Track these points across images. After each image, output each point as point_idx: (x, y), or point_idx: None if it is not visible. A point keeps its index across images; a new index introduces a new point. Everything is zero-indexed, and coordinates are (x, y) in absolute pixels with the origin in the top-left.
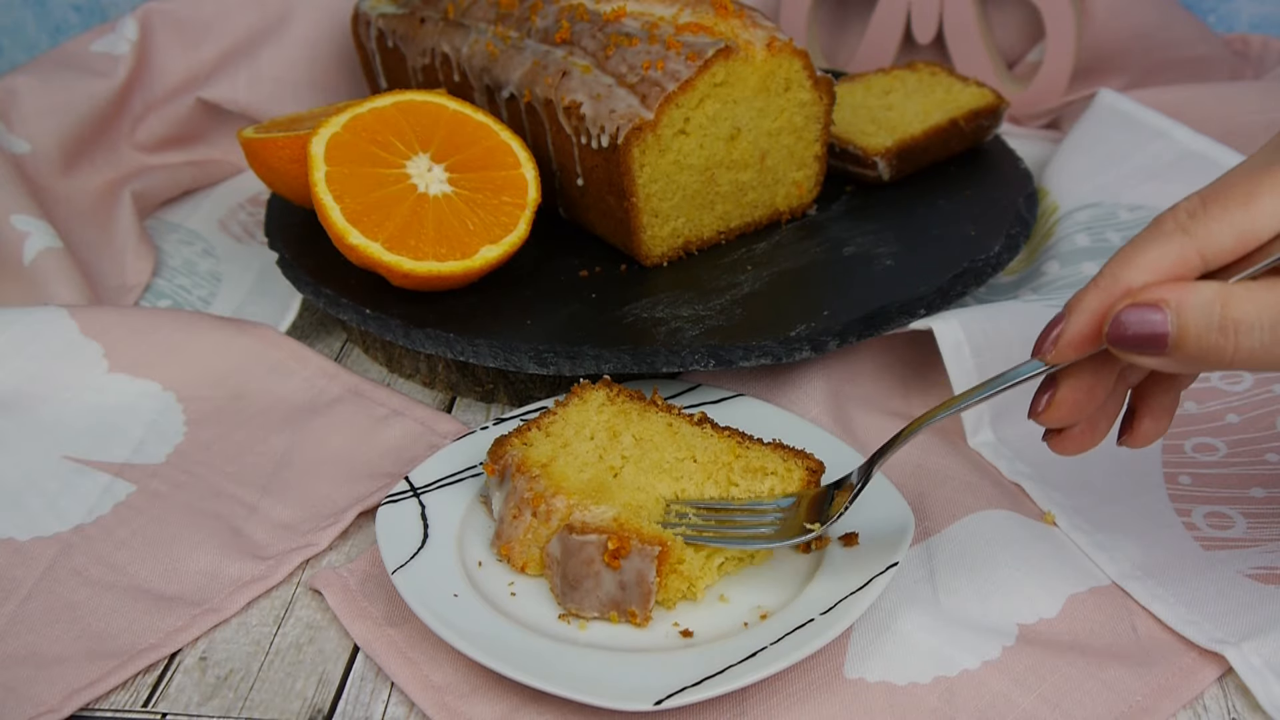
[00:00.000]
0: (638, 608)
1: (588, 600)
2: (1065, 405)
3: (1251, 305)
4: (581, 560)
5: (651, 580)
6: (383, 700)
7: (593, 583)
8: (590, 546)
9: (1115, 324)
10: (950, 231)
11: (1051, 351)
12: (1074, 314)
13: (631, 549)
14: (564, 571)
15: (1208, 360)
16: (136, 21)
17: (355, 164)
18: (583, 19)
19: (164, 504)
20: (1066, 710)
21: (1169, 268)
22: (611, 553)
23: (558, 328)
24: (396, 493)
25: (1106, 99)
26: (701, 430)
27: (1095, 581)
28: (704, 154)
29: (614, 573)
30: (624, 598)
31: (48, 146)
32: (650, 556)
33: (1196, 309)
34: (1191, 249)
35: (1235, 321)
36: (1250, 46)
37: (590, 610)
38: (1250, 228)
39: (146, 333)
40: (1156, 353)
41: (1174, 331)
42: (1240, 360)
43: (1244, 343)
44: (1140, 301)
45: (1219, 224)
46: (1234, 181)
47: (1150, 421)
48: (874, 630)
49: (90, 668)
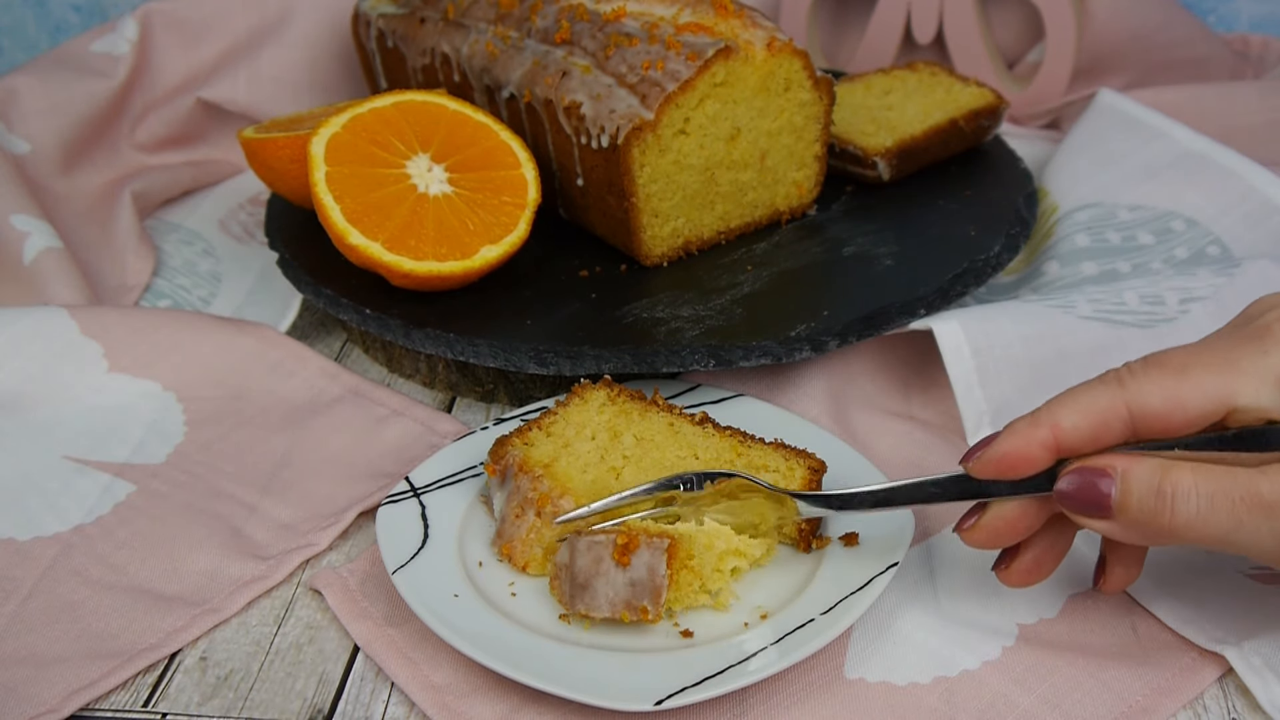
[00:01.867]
0: (649, 604)
1: (598, 600)
2: (988, 530)
3: (1189, 476)
4: (590, 560)
5: (662, 574)
6: (383, 700)
7: (603, 582)
8: (599, 545)
9: (1064, 485)
10: (950, 231)
11: (972, 463)
12: (1005, 435)
13: (640, 543)
14: (573, 574)
15: (1148, 526)
16: (136, 21)
17: (355, 164)
18: (583, 19)
19: (164, 504)
20: (1066, 710)
21: (1097, 412)
22: (620, 549)
23: (558, 328)
24: (397, 493)
25: (1106, 99)
26: (703, 430)
27: None
28: (704, 154)
29: (624, 570)
30: (635, 594)
31: (48, 146)
32: (660, 549)
33: (1139, 476)
34: (1121, 401)
35: (1173, 487)
36: (1250, 46)
37: (601, 610)
38: (1177, 395)
39: (146, 333)
40: (1102, 515)
41: (1118, 496)
42: (1179, 528)
43: (1180, 509)
44: (1088, 465)
45: (1151, 385)
46: (1176, 353)
47: (1121, 570)
48: (874, 630)
49: (90, 668)
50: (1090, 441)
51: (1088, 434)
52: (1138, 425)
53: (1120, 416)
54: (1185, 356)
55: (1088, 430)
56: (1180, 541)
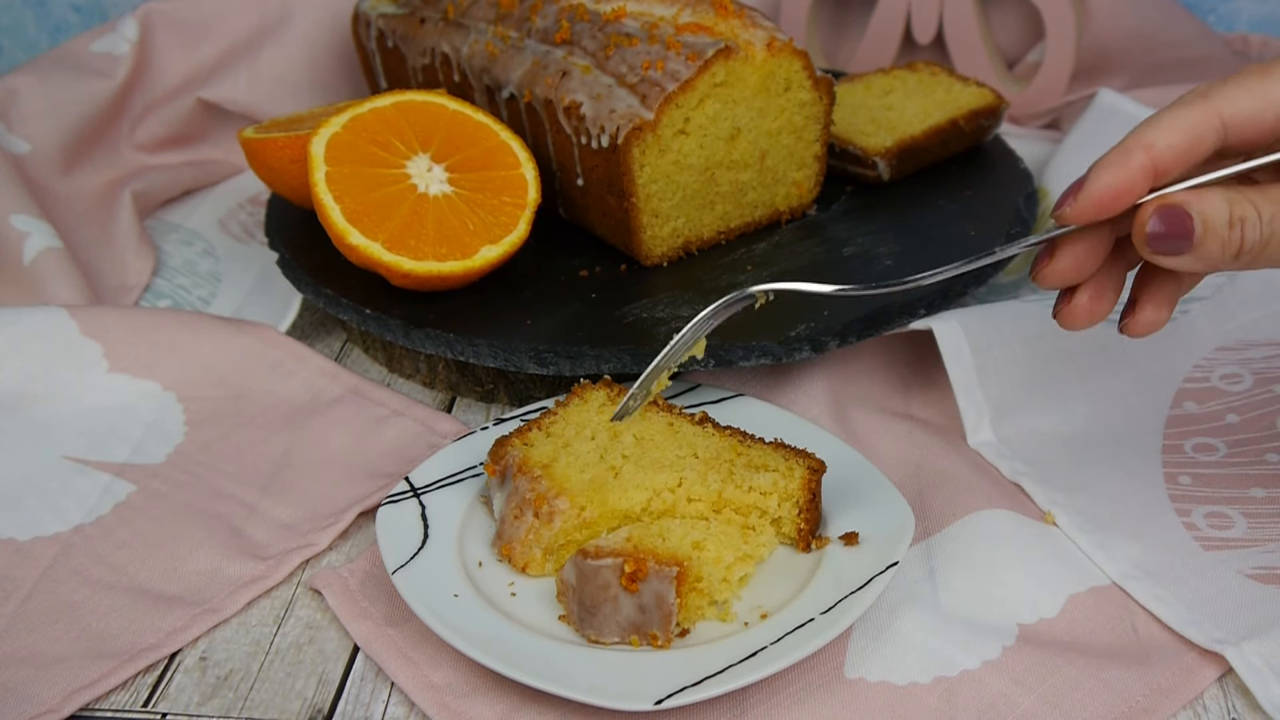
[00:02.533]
0: (659, 630)
1: (607, 626)
2: (1066, 262)
3: (1252, 202)
4: (598, 585)
5: (672, 602)
6: (383, 700)
7: (611, 608)
8: (606, 570)
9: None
10: (950, 231)
11: (1072, 205)
12: (1098, 171)
13: (649, 571)
14: (580, 598)
15: (1221, 255)
16: (136, 21)
17: (355, 164)
18: (583, 19)
19: (164, 504)
20: (1066, 710)
21: (1189, 126)
22: (629, 576)
23: (558, 328)
24: (396, 493)
25: (1106, 99)
26: (703, 429)
27: (1095, 581)
28: (704, 154)
29: (632, 596)
30: (644, 621)
31: (48, 146)
32: (669, 577)
33: (1213, 209)
34: (1212, 110)
35: (1242, 213)
36: (1250, 46)
37: (611, 636)
38: (1267, 94)
39: (146, 333)
40: (1183, 250)
41: (1199, 230)
42: (1246, 252)
43: (1249, 235)
44: (1168, 204)
45: (1238, 90)
46: (1252, 66)
47: (1152, 309)
48: (874, 630)
49: (90, 668)
50: (1185, 159)
51: (1183, 150)
52: (1230, 133)
53: (1213, 126)
54: (1265, 64)
55: (1183, 146)
56: (1249, 267)
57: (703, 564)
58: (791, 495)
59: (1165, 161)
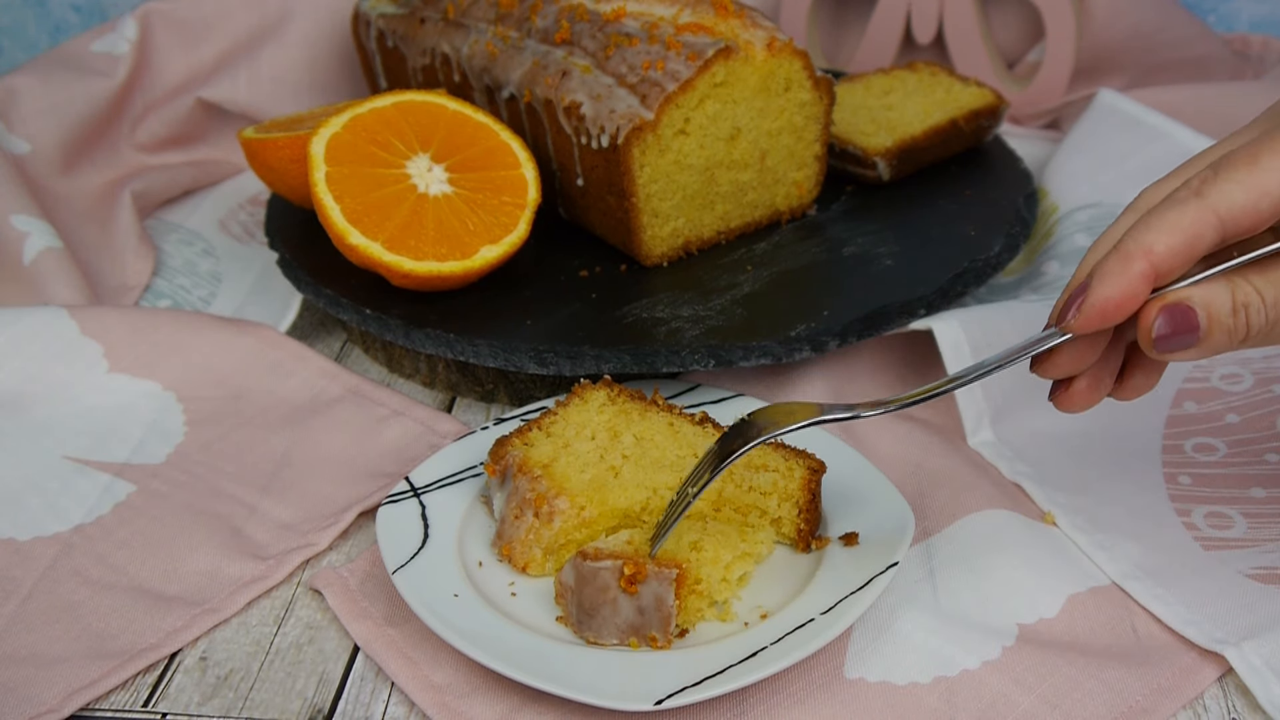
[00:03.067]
0: (658, 632)
1: (606, 628)
2: (1066, 359)
3: (1253, 287)
4: (597, 587)
5: (671, 604)
6: (383, 700)
7: (610, 610)
8: (605, 573)
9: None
10: (950, 231)
11: (1075, 319)
12: (1100, 281)
13: (649, 573)
14: (579, 600)
15: (1228, 344)
16: (136, 21)
17: (355, 164)
18: (583, 19)
19: (164, 504)
20: (1066, 710)
21: (1187, 227)
22: (628, 578)
23: (558, 328)
24: (397, 493)
25: (1106, 99)
26: (703, 430)
27: (1095, 581)
28: (704, 154)
29: (631, 598)
30: (643, 623)
31: (48, 146)
32: (668, 580)
33: (1216, 302)
34: (1207, 209)
35: (1245, 300)
36: (1250, 46)
37: (610, 638)
38: (1260, 185)
39: (146, 333)
40: (1189, 346)
41: (1204, 325)
42: (1253, 338)
43: (1254, 321)
44: (1171, 304)
45: (1230, 185)
46: (1239, 151)
47: (1141, 377)
48: (874, 630)
49: (90, 668)
50: (1185, 259)
51: (1182, 252)
52: (1227, 228)
53: (1210, 225)
54: (1249, 149)
55: (1182, 249)
56: (1255, 346)
57: (701, 565)
58: (791, 495)
59: (1166, 265)
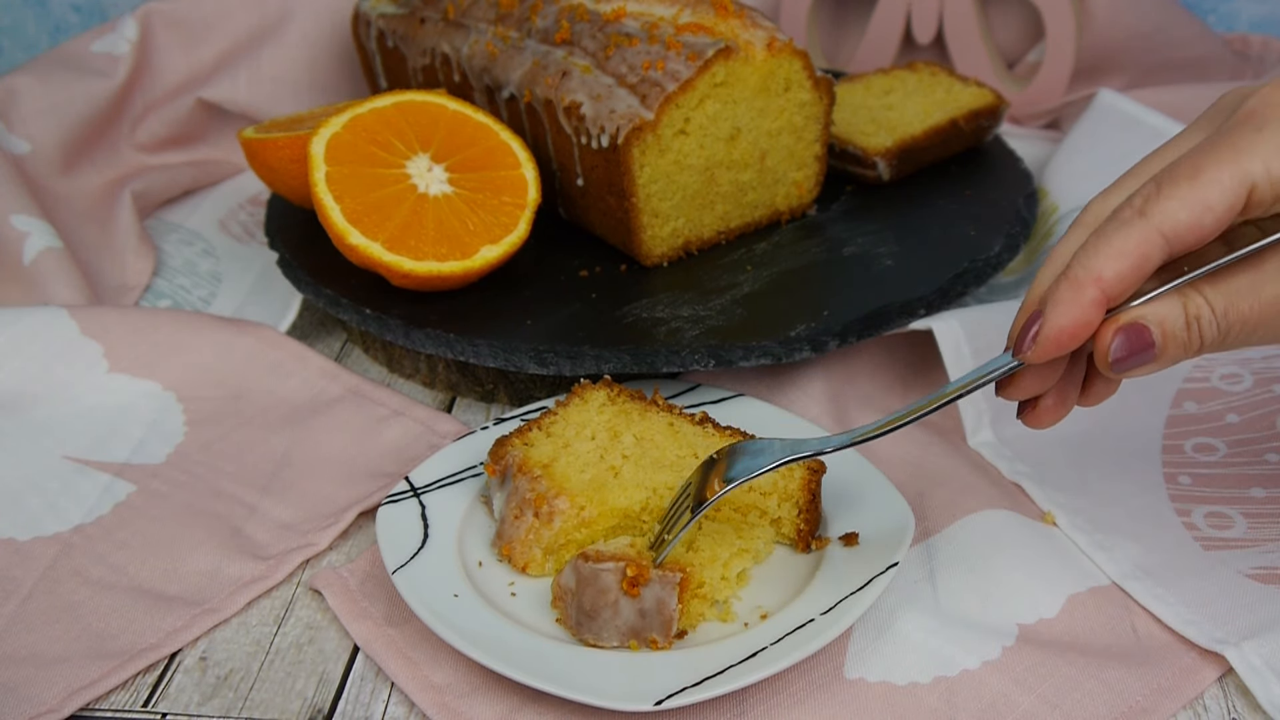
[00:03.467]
0: (659, 635)
1: (606, 630)
2: (1029, 382)
3: (1203, 298)
4: (598, 589)
5: (673, 608)
6: (383, 700)
7: (611, 612)
8: (607, 575)
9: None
10: (950, 231)
11: (1031, 350)
12: (1053, 310)
13: (652, 577)
14: (579, 602)
15: (1182, 357)
16: (136, 21)
17: (355, 164)
18: (583, 19)
19: (164, 504)
20: (1066, 710)
21: (1134, 249)
22: (630, 580)
23: (558, 328)
24: (397, 493)
25: (1106, 99)
26: (703, 429)
27: (1095, 581)
28: (704, 154)
29: (633, 601)
30: (644, 625)
31: (48, 146)
32: (671, 584)
33: (1169, 318)
34: (1152, 229)
35: (1196, 312)
36: (1250, 46)
37: (610, 640)
38: (1201, 199)
39: (146, 333)
40: (1146, 363)
41: (1159, 342)
42: (1208, 348)
43: (1206, 332)
44: (1124, 325)
45: (1172, 203)
46: (1178, 165)
47: (1103, 384)
48: (874, 630)
49: (90, 668)
50: (1134, 281)
51: (1131, 276)
52: (1173, 245)
53: (1156, 245)
54: (1190, 161)
55: (1131, 273)
56: (1214, 352)
57: (703, 567)
58: (791, 495)
59: (1115, 290)
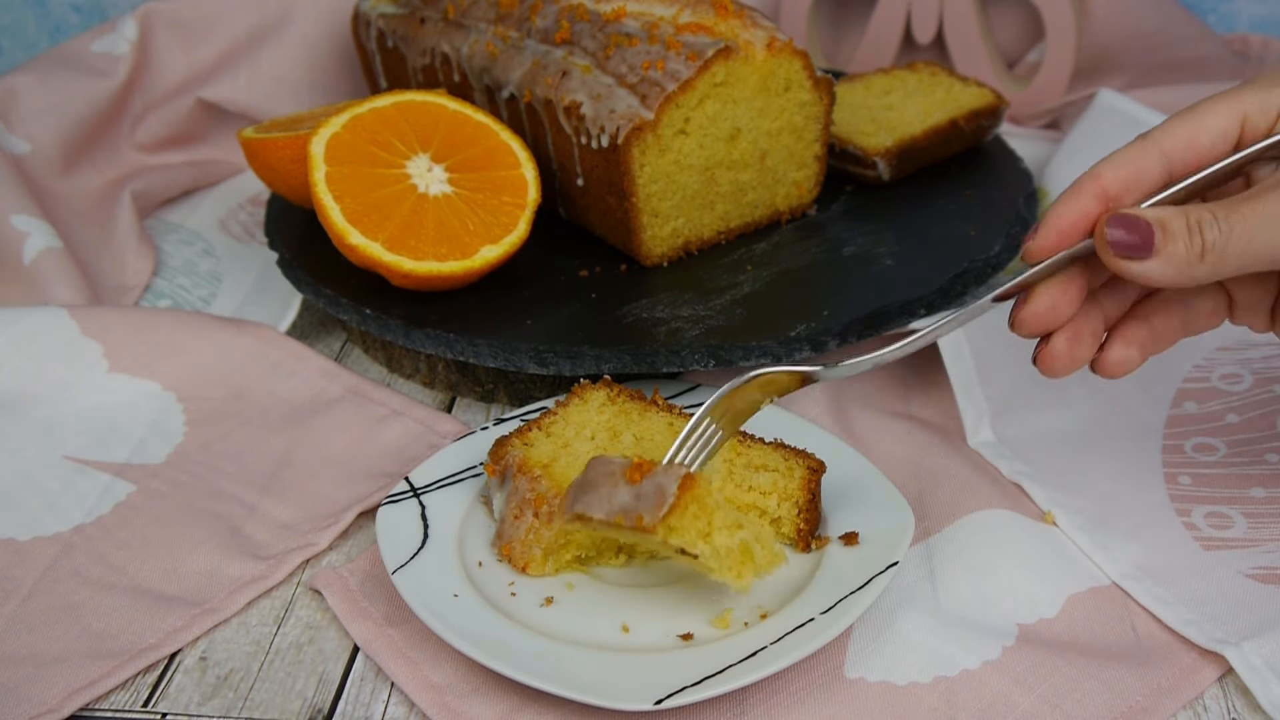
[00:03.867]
0: (647, 513)
1: (599, 503)
2: (1041, 305)
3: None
4: (605, 470)
5: (670, 493)
6: (383, 700)
7: (609, 489)
8: (615, 464)
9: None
10: (950, 231)
11: (1034, 239)
12: (1054, 208)
13: (657, 470)
14: (582, 480)
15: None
16: (136, 21)
17: (355, 164)
18: (583, 19)
19: (164, 504)
20: (1066, 710)
21: (1132, 158)
22: (636, 467)
23: (558, 328)
24: (396, 493)
25: (1106, 99)
26: None
27: (1095, 581)
28: (704, 154)
29: (633, 486)
30: (636, 505)
31: (48, 146)
32: (675, 475)
33: (1169, 216)
34: (1151, 144)
35: (1197, 218)
36: (1250, 46)
37: (598, 512)
38: (1197, 122)
39: (146, 333)
40: (1146, 254)
41: (1159, 233)
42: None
43: (1208, 234)
44: (1125, 213)
45: (1172, 123)
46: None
47: (1122, 346)
48: (874, 630)
49: (90, 668)
50: (1133, 186)
51: (1130, 180)
52: (1172, 161)
53: (1152, 156)
54: (1194, 105)
55: (1128, 175)
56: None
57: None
58: (791, 495)
59: (1114, 187)
